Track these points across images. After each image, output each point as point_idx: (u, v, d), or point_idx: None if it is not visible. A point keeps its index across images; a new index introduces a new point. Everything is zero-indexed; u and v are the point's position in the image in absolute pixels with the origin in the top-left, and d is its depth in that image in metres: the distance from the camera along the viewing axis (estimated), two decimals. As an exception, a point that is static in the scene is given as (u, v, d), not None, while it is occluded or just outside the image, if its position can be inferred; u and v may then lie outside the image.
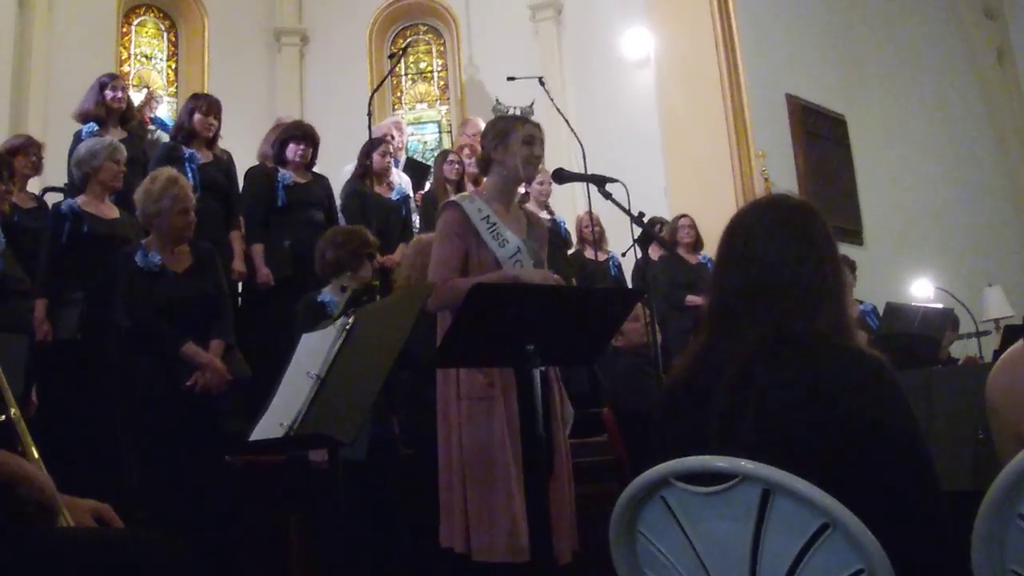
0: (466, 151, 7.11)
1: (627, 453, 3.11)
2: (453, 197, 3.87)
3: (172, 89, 10.68)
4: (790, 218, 1.91)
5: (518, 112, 3.62)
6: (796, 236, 1.87)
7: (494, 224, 3.58)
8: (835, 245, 1.92)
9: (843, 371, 1.69)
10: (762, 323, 1.79)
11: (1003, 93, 10.84)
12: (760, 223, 1.92)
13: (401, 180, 6.89)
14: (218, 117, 5.85)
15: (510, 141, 3.64)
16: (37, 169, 5.38)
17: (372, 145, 6.37)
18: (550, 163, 4.39)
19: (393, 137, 7.21)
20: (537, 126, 3.74)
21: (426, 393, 3.75)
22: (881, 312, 6.83)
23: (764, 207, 1.98)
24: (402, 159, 7.35)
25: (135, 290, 4.21)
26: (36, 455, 2.14)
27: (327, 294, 4.42)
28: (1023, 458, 1.40)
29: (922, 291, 8.97)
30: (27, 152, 5.22)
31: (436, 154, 8.16)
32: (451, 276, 3.50)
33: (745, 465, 1.52)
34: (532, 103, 6.77)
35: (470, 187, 6.39)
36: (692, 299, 6.74)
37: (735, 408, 1.73)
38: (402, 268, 4.67)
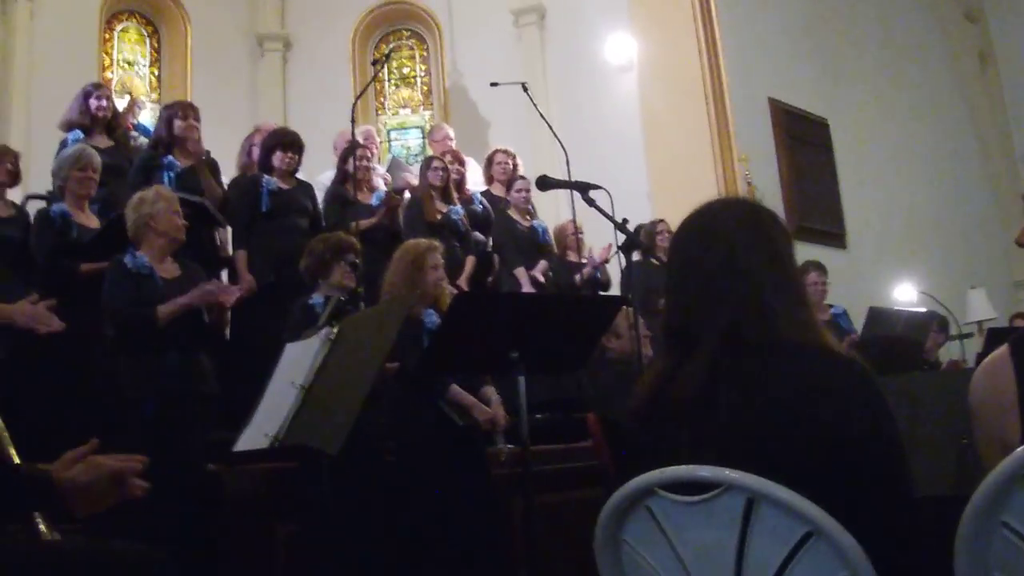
0: (448, 157, 7.09)
1: (612, 460, 3.10)
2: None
3: (155, 95, 10.62)
4: (744, 216, 1.86)
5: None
6: (750, 234, 1.82)
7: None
8: (790, 244, 1.86)
9: (823, 376, 1.67)
10: (719, 334, 1.75)
11: (985, 97, 10.91)
12: (713, 224, 1.87)
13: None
14: (197, 119, 5.77)
15: None
16: (14, 178, 5.20)
17: (349, 150, 6.35)
18: (533, 169, 4.39)
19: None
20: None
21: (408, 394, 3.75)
22: (852, 315, 6.83)
23: (716, 208, 1.91)
24: (376, 167, 7.31)
25: (121, 290, 4.20)
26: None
27: (317, 298, 4.41)
28: (1006, 465, 1.40)
29: (905, 295, 9.00)
30: (0, 160, 5.12)
31: (420, 159, 8.13)
32: None
33: (729, 474, 1.52)
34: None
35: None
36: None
37: (706, 427, 1.71)
38: (387, 275, 4.64)
